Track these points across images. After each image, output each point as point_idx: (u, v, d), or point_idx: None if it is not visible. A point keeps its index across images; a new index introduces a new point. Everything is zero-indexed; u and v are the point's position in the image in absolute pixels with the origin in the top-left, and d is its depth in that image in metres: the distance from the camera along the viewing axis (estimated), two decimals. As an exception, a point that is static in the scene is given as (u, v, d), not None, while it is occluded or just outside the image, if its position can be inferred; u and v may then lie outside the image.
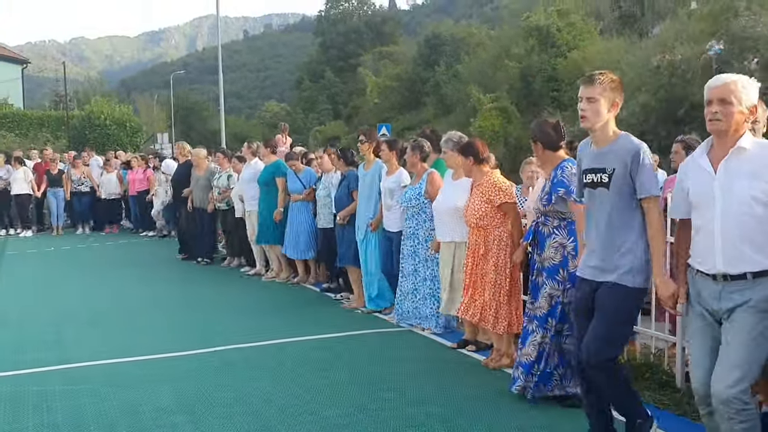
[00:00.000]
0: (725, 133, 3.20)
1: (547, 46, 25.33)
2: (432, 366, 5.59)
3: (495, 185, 5.40)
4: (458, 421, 4.37)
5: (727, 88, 3.18)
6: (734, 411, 3.07)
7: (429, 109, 38.01)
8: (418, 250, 6.54)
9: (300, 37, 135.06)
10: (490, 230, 5.39)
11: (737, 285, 3.14)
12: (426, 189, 6.46)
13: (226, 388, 5.09)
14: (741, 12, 17.15)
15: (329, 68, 56.47)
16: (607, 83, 3.58)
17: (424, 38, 45.08)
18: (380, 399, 4.81)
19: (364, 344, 6.34)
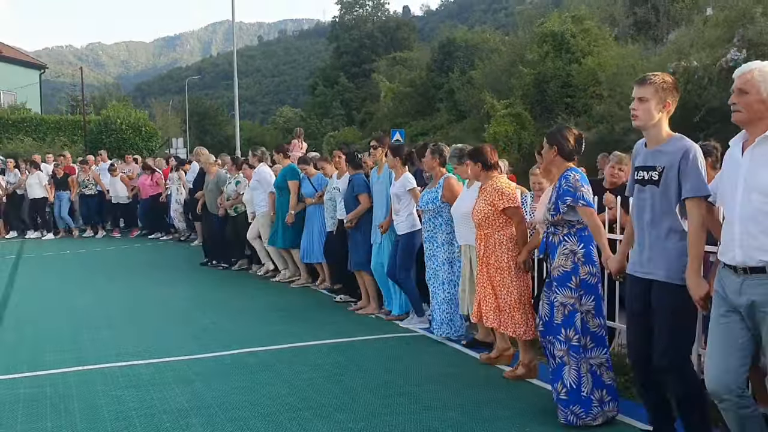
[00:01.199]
0: (748, 123, 3.22)
1: (561, 52, 25.21)
2: (446, 371, 5.60)
3: (498, 189, 5.47)
4: (472, 426, 4.38)
5: (744, 78, 3.19)
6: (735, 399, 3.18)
7: (443, 115, 37.97)
8: (437, 253, 6.56)
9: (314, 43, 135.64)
10: (491, 233, 5.45)
11: (757, 278, 3.11)
12: (443, 193, 6.49)
13: (241, 391, 5.12)
14: (757, 18, 17.03)
15: (343, 74, 56.59)
16: (659, 84, 3.64)
17: (438, 44, 45.05)
18: (394, 404, 4.83)
19: (378, 349, 6.36)
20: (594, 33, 26.10)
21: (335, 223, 8.51)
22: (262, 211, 10.09)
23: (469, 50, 40.03)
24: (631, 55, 21.56)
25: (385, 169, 7.49)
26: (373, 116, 46.94)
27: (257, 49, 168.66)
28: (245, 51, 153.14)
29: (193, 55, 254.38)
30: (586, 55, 25.00)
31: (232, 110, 35.50)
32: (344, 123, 50.96)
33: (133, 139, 31.62)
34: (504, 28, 48.88)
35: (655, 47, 23.67)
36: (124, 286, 9.95)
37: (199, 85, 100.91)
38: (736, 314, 3.22)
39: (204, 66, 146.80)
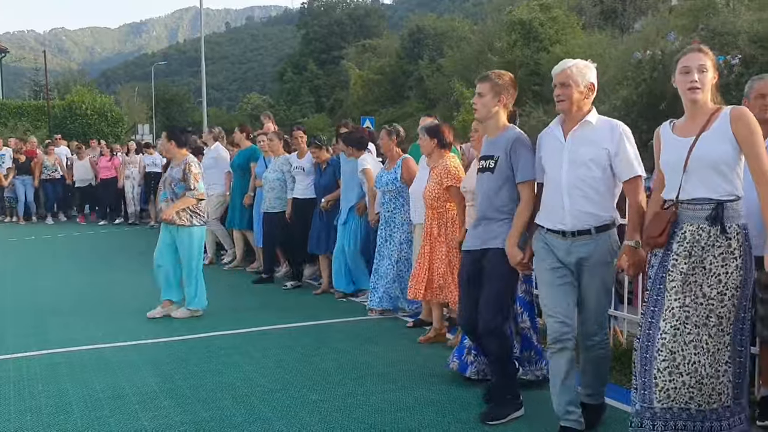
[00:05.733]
0: (570, 111, 3.69)
1: (529, 41, 25.45)
2: (416, 350, 5.64)
3: (447, 168, 5.59)
4: (447, 404, 4.41)
5: (564, 74, 3.66)
6: (598, 342, 3.82)
7: (412, 103, 38.04)
8: (394, 233, 6.62)
9: (282, 30, 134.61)
10: (443, 212, 5.60)
11: (584, 239, 3.65)
12: (402, 174, 6.54)
13: (211, 374, 5.09)
14: (720, 8, 17.34)
15: (312, 60, 56.25)
16: (495, 81, 4.05)
17: (407, 32, 45.05)
18: (367, 384, 4.84)
19: (349, 331, 6.37)
20: (562, 21, 26.36)
21: (283, 203, 8.46)
22: (217, 191, 9.87)
23: (438, 38, 40.12)
24: (598, 44, 21.82)
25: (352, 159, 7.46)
26: (343, 103, 46.83)
27: (224, 36, 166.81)
28: (212, 37, 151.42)
29: (159, 42, 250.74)
30: (554, 43, 25.26)
31: (199, 97, 35.12)
32: (313, 110, 50.75)
33: (99, 124, 31.05)
34: (473, 16, 48.98)
35: (622, 36, 23.94)
36: (89, 270, 9.80)
37: (166, 71, 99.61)
38: (566, 268, 3.73)
39: (171, 52, 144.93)
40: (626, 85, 16.26)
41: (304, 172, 8.25)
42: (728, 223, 3.16)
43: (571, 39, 25.08)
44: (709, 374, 3.15)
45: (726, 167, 3.17)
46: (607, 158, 3.60)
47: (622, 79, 16.51)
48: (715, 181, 3.17)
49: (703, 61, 3.23)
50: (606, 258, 3.67)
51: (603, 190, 3.63)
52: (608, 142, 3.60)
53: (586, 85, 3.66)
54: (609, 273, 3.74)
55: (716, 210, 3.16)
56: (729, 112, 3.20)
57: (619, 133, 3.62)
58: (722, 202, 3.16)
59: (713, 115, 3.23)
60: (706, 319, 3.16)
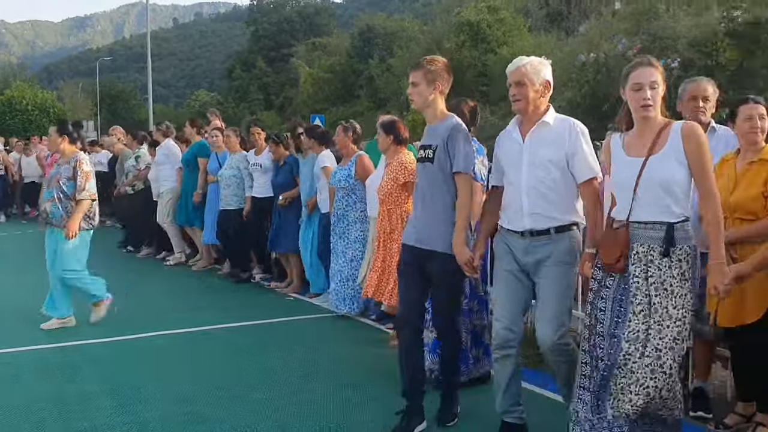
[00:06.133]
0: (526, 110, 3.61)
1: (477, 42, 25.72)
2: (365, 348, 5.69)
3: (402, 164, 5.60)
4: (394, 400, 4.39)
5: (519, 73, 3.58)
6: (559, 353, 3.59)
7: (363, 102, 38.03)
8: (348, 231, 6.63)
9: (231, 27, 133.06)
10: (394, 209, 5.58)
11: (543, 239, 3.58)
12: (356, 171, 6.56)
13: (153, 373, 5.05)
14: (661, 13, 17.85)
15: (261, 58, 55.71)
16: (427, 67, 3.86)
17: (357, 31, 45.03)
18: (313, 382, 4.85)
19: (296, 329, 6.38)
20: (509, 23, 26.71)
21: (241, 200, 8.40)
22: (168, 187, 9.72)
23: (388, 38, 40.19)
24: (544, 46, 22.17)
25: (311, 155, 7.47)
26: (292, 101, 46.51)
27: (172, 32, 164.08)
28: (159, 33, 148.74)
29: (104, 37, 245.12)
30: (502, 45, 25.57)
31: (145, 94, 34.49)
32: (262, 108, 50.30)
33: (41, 120, 30.28)
34: (422, 17, 49.24)
35: (567, 38, 24.41)
36: (30, 270, 9.55)
37: (111, 67, 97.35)
38: (523, 272, 3.68)
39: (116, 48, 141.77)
40: (571, 86, 16.62)
41: (262, 169, 8.20)
42: (680, 245, 3.13)
43: (518, 41, 25.44)
44: (664, 396, 3.14)
45: (677, 188, 3.15)
46: (565, 159, 3.56)
47: (566, 80, 16.85)
48: (665, 202, 3.14)
49: (655, 77, 3.17)
50: (565, 259, 3.58)
51: (563, 191, 3.58)
52: (566, 142, 3.56)
53: (542, 83, 3.59)
54: (568, 275, 3.60)
55: (668, 232, 3.13)
56: (680, 130, 3.16)
57: (576, 132, 3.57)
58: (673, 224, 3.13)
59: (662, 131, 3.18)
60: (674, 342, 3.12)
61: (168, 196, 9.73)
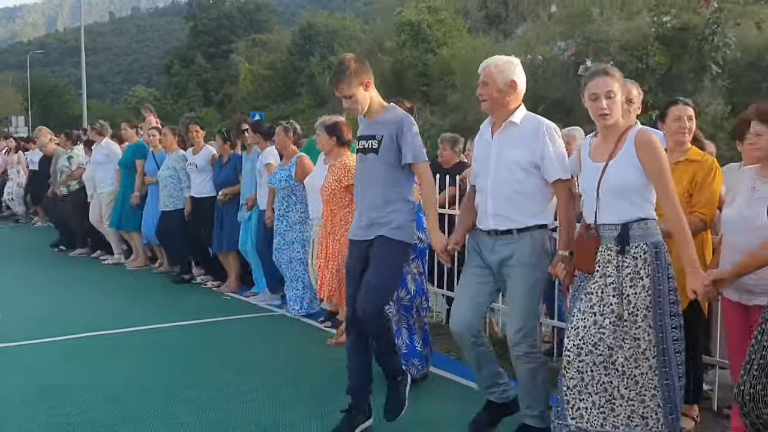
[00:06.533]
0: (491, 109, 3.66)
1: (418, 42, 25.99)
2: (302, 348, 5.70)
3: (346, 166, 5.56)
4: (330, 398, 4.45)
5: (486, 72, 3.61)
6: (522, 353, 3.58)
7: (304, 99, 37.91)
8: (289, 233, 6.62)
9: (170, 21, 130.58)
10: (337, 210, 5.56)
11: (506, 239, 3.61)
12: (296, 172, 6.55)
13: (87, 375, 4.96)
14: (595, 17, 18.37)
15: (200, 54, 54.86)
16: (352, 70, 3.75)
17: (298, 28, 44.84)
18: (250, 382, 4.83)
19: (235, 329, 6.34)
20: (449, 24, 27.03)
21: (177, 201, 8.32)
22: (107, 189, 9.51)
23: (330, 36, 40.17)
24: (482, 47, 22.51)
25: (255, 149, 7.43)
26: (232, 98, 46.00)
27: (108, 26, 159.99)
28: (95, 27, 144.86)
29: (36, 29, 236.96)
30: (441, 45, 25.86)
31: (79, 88, 33.56)
32: (201, 104, 49.58)
33: (-34, 115, 29.12)
34: (364, 15, 49.36)
35: (505, 40, 24.85)
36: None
37: (44, 61, 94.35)
38: (487, 269, 3.71)
39: (48, 41, 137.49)
40: (508, 88, 16.94)
41: (197, 169, 8.10)
42: (634, 243, 3.18)
43: (457, 42, 25.77)
44: (625, 396, 3.15)
45: (633, 194, 3.20)
46: (531, 159, 3.54)
47: (504, 82, 17.17)
48: (621, 206, 3.21)
49: (611, 86, 3.22)
50: (527, 260, 3.56)
51: (529, 193, 3.57)
52: (532, 142, 3.54)
53: (506, 83, 3.56)
54: (531, 276, 3.58)
55: (621, 230, 3.19)
56: (634, 137, 3.23)
57: (543, 133, 3.55)
58: (627, 224, 3.19)
59: (622, 136, 3.26)
60: (622, 341, 3.15)
61: (108, 199, 9.50)
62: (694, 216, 3.72)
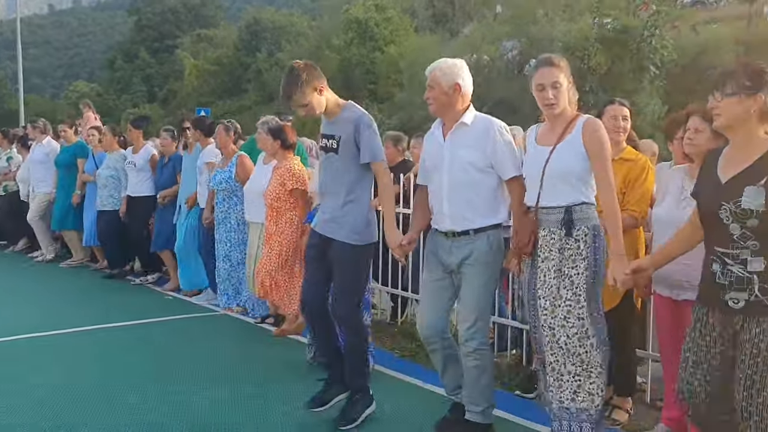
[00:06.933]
0: (438, 113, 3.69)
1: (365, 40, 26.00)
2: (243, 347, 5.65)
3: (290, 170, 5.56)
4: (272, 398, 4.43)
5: (432, 75, 3.65)
6: (472, 349, 3.63)
7: (251, 96, 37.56)
8: (230, 234, 6.54)
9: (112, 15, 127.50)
10: (282, 212, 5.55)
11: (463, 240, 3.64)
12: (236, 172, 6.48)
13: (13, 378, 4.79)
14: (539, 18, 18.69)
15: (144, 49, 53.82)
16: (304, 77, 3.76)
17: (245, 24, 44.38)
18: (188, 383, 4.75)
19: (174, 329, 6.24)
20: (396, 23, 27.12)
21: (118, 201, 8.19)
22: (46, 189, 9.29)
23: (277, 32, 39.87)
24: (429, 46, 22.67)
25: (197, 147, 7.32)
26: (177, 94, 45.28)
27: (47, 18, 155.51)
28: (34, 19, 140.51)
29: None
30: (389, 43, 25.94)
31: (16, 83, 32.51)
32: (145, 100, 48.66)
33: None
34: (311, 12, 49.14)
35: (452, 39, 25.07)
36: None
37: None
38: (446, 271, 3.75)
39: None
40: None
41: (136, 168, 7.98)
42: (577, 226, 3.27)
43: (404, 40, 25.88)
44: (572, 372, 3.24)
45: (575, 179, 3.29)
46: (484, 159, 3.58)
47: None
48: (565, 190, 3.29)
49: (556, 76, 3.28)
50: (483, 258, 3.62)
51: (484, 192, 3.62)
52: (483, 142, 3.58)
53: (450, 86, 3.60)
54: (485, 274, 3.65)
55: (566, 214, 3.27)
56: (583, 124, 3.30)
57: (494, 132, 3.59)
58: (570, 207, 3.28)
59: (570, 124, 3.33)
60: (564, 321, 3.26)
61: (45, 198, 9.30)
62: (626, 214, 3.81)
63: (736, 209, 2.65)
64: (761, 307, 2.64)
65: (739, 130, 2.74)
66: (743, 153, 2.74)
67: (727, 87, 2.71)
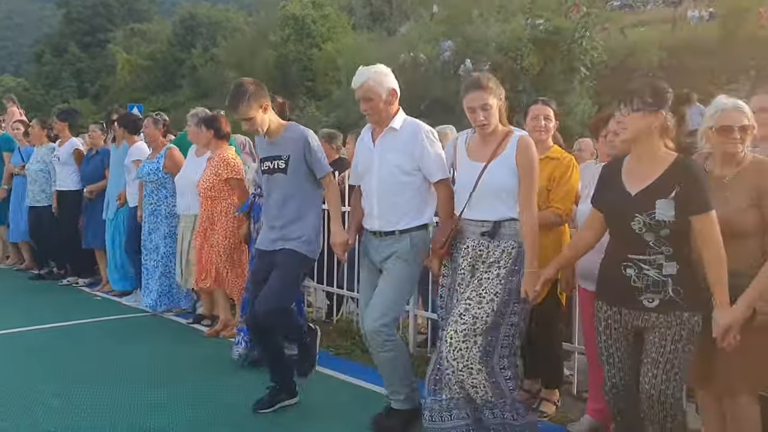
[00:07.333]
0: (379, 122, 3.77)
1: (302, 36, 25.88)
2: (173, 348, 5.56)
3: (225, 160, 5.57)
4: (206, 401, 4.37)
5: (365, 88, 3.70)
6: (380, 342, 3.70)
7: (185, 92, 36.94)
8: (159, 227, 6.46)
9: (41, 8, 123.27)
10: (218, 201, 5.56)
11: (390, 239, 3.77)
12: (165, 164, 6.40)
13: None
14: (474, 18, 18.95)
15: (74, 42, 52.25)
16: (251, 93, 3.89)
17: (179, 18, 43.59)
18: (118, 384, 4.65)
19: (101, 330, 6.09)
20: (333, 20, 27.07)
21: (50, 196, 7.98)
22: None
23: (212, 27, 39.33)
24: (366, 44, 22.73)
25: (124, 145, 7.16)
26: (109, 90, 44.15)
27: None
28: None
29: None
30: (326, 40, 25.88)
31: (-65, 76, 31.14)
32: (76, 95, 47.26)
33: None
34: (247, 8, 48.56)
35: (389, 38, 25.19)
36: None
37: None
38: (375, 269, 3.88)
39: None
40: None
41: (60, 161, 7.80)
42: (504, 240, 3.39)
43: (342, 38, 25.86)
44: (454, 366, 3.32)
45: (506, 194, 3.39)
46: (411, 163, 3.67)
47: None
48: (495, 205, 3.40)
49: (485, 99, 3.37)
50: (405, 256, 3.73)
51: (411, 195, 3.72)
52: (411, 146, 3.67)
53: (389, 92, 3.70)
54: (404, 270, 3.74)
55: (494, 227, 3.39)
56: (517, 142, 3.41)
57: (422, 137, 3.67)
58: (499, 221, 3.39)
59: (503, 140, 3.42)
60: (459, 317, 3.34)
61: None
62: (551, 211, 3.93)
63: (650, 221, 2.85)
64: (673, 304, 2.86)
65: (643, 144, 2.93)
66: (648, 167, 2.93)
67: (633, 103, 2.90)
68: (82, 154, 7.82)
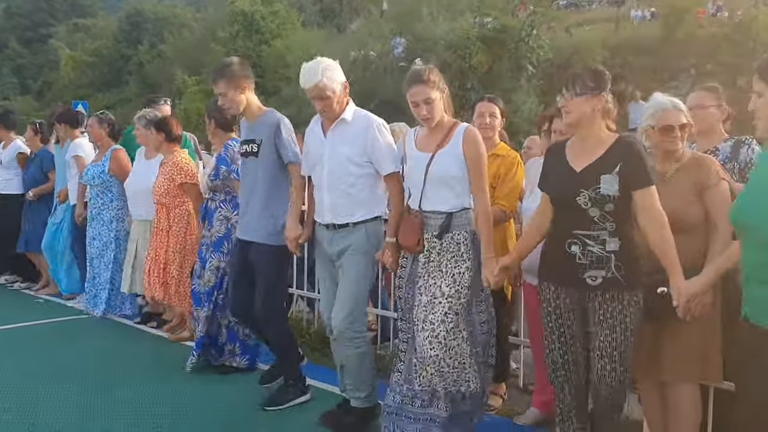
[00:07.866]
0: (332, 117, 3.74)
1: (252, 33, 25.66)
2: (118, 349, 5.47)
3: (178, 165, 5.45)
4: (149, 403, 4.32)
5: (318, 87, 3.64)
6: (348, 338, 3.72)
7: (131, 88, 36.26)
8: (103, 231, 6.32)
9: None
10: (172, 207, 5.47)
11: (343, 232, 3.77)
12: (110, 166, 6.27)
13: None
14: (424, 16, 19.07)
15: (14, 38, 50.73)
16: (230, 75, 4.04)
17: (125, 14, 42.74)
18: (60, 386, 4.57)
19: (45, 333, 5.95)
20: (283, 16, 26.91)
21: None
22: None
23: (159, 23, 38.68)
24: (316, 41, 22.66)
25: (67, 142, 6.99)
26: (53, 86, 43.01)
27: None
28: None
29: None
30: (276, 37, 25.70)
31: None
32: (17, 92, 45.90)
33: None
34: (195, 4, 47.87)
35: (339, 35, 25.15)
36: None
37: None
38: (331, 262, 3.88)
39: None
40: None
41: (3, 164, 7.59)
42: (457, 231, 3.42)
43: (291, 34, 25.72)
44: (450, 365, 3.38)
45: (456, 183, 3.43)
46: (363, 155, 3.67)
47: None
48: (446, 195, 3.44)
49: (427, 93, 3.40)
50: (361, 249, 3.73)
51: (363, 187, 3.71)
52: (363, 138, 3.67)
53: (341, 87, 3.70)
54: (362, 263, 3.75)
55: (447, 220, 3.42)
56: (463, 133, 3.45)
57: (373, 129, 3.67)
58: (452, 213, 3.43)
59: (450, 131, 3.47)
60: (444, 316, 3.36)
61: None
62: (496, 207, 4.00)
63: (596, 195, 2.93)
64: (616, 282, 2.95)
65: (587, 126, 3.03)
66: (592, 145, 3.03)
67: (576, 88, 2.99)
68: (27, 157, 7.62)
